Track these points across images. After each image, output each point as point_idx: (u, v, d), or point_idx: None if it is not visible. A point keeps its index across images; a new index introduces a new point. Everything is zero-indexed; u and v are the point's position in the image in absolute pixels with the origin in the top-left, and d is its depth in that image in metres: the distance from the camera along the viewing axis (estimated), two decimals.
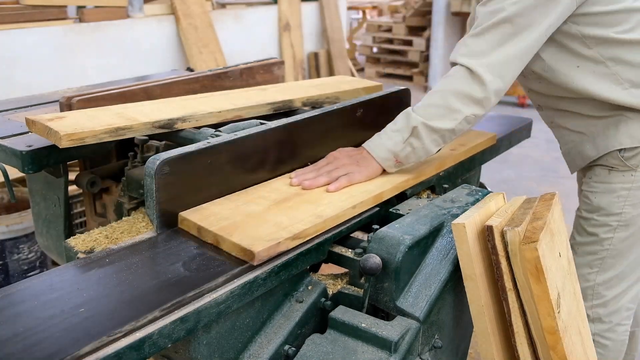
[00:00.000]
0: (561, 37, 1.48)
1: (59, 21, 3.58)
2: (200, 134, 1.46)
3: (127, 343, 0.86)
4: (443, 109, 1.40)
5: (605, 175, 1.61)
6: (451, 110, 1.40)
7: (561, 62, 1.52)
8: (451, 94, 1.40)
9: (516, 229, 1.13)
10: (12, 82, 3.36)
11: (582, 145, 1.66)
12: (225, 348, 1.08)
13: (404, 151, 1.42)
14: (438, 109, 1.41)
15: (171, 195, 1.20)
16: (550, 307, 1.12)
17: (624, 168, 1.57)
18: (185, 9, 4.15)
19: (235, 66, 2.08)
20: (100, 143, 1.54)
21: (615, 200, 1.59)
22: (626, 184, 1.58)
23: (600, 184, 1.63)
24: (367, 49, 8.67)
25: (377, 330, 1.07)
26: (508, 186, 4.33)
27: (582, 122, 1.63)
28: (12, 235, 2.59)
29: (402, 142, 1.42)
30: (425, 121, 1.40)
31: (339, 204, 1.29)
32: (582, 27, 1.45)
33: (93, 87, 1.92)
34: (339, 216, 1.26)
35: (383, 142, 1.44)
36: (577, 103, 1.59)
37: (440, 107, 1.40)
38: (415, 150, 1.42)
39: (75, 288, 0.99)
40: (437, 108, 1.41)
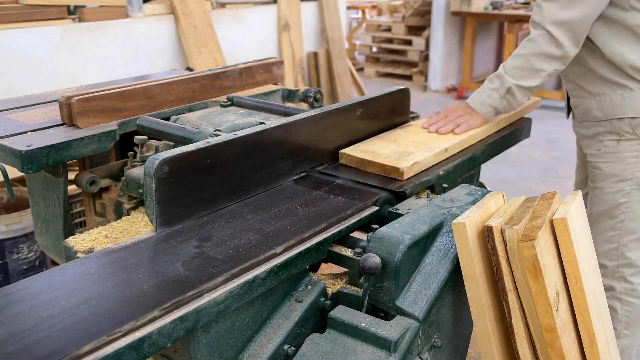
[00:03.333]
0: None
1: (59, 21, 3.58)
2: (199, 134, 1.46)
3: (126, 342, 0.86)
4: (530, 70, 1.72)
5: (615, 145, 1.80)
6: (537, 70, 1.72)
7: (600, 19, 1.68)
8: (535, 57, 1.70)
9: (514, 227, 1.13)
10: (12, 81, 3.36)
11: (589, 103, 1.84)
12: (225, 347, 1.08)
13: (501, 104, 1.80)
14: (526, 71, 1.73)
15: (170, 194, 1.20)
16: (548, 304, 1.12)
17: (632, 136, 1.76)
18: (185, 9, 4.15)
19: (235, 66, 2.08)
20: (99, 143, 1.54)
21: (626, 167, 1.78)
22: (635, 152, 1.77)
23: (611, 154, 1.81)
24: (366, 49, 8.66)
25: (377, 329, 1.07)
26: (507, 186, 4.32)
27: (593, 82, 1.80)
28: (12, 235, 2.59)
29: (499, 98, 1.79)
30: (517, 82, 1.74)
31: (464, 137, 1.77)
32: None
33: (92, 87, 1.91)
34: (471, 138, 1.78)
35: (484, 100, 1.81)
36: (597, 60, 1.76)
37: (528, 69, 1.72)
38: (510, 104, 1.80)
39: (74, 287, 0.99)
40: (525, 70, 1.73)
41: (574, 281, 1.19)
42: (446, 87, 7.46)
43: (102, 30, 3.76)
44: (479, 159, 1.82)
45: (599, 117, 1.81)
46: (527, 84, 1.74)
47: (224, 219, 1.26)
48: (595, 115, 1.82)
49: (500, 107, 1.81)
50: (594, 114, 1.82)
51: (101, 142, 1.55)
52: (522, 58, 1.73)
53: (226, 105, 1.86)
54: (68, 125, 1.59)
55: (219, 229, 1.21)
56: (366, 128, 1.74)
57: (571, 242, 1.17)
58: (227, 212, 1.29)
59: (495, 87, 1.78)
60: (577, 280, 1.19)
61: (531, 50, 1.70)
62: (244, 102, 1.85)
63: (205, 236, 1.18)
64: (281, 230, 1.21)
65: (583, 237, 1.26)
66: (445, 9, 7.21)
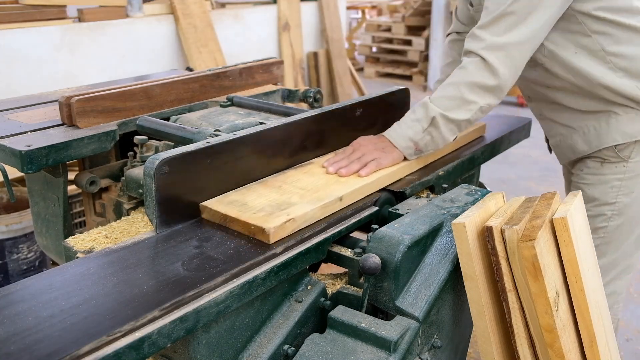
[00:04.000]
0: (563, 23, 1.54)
1: (58, 21, 3.58)
2: (199, 134, 1.46)
3: (126, 343, 0.86)
4: (459, 100, 1.48)
5: (598, 167, 1.67)
6: (467, 102, 1.48)
7: (561, 47, 1.57)
8: (466, 86, 1.48)
9: (514, 228, 1.13)
10: (11, 81, 3.36)
11: (571, 139, 1.71)
12: (225, 348, 1.08)
13: (423, 140, 1.51)
14: (454, 100, 1.48)
15: (170, 195, 1.20)
16: (548, 305, 1.12)
17: (616, 159, 1.63)
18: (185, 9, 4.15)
19: (235, 66, 2.08)
20: (99, 143, 1.54)
21: (609, 191, 1.65)
22: (618, 174, 1.64)
23: (593, 175, 1.68)
24: (366, 49, 8.67)
25: (377, 330, 1.07)
26: (507, 186, 4.33)
27: (572, 117, 1.68)
28: (12, 235, 2.60)
29: (421, 131, 1.51)
30: (443, 112, 1.48)
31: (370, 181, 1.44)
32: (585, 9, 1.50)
33: (92, 87, 1.91)
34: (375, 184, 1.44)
35: (403, 131, 1.53)
36: (568, 95, 1.65)
37: (456, 99, 1.48)
38: (433, 139, 1.51)
39: (74, 288, 0.99)
40: (454, 100, 1.49)
41: (574, 281, 1.19)
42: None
43: (102, 30, 3.76)
44: (479, 158, 1.82)
45: (586, 150, 1.68)
46: (455, 116, 1.48)
47: None
48: (582, 150, 1.69)
49: (422, 142, 1.51)
50: (580, 149, 1.70)
51: (101, 142, 1.55)
52: (451, 87, 1.50)
53: (226, 105, 1.86)
54: (68, 126, 1.59)
55: (219, 229, 1.21)
56: (366, 128, 1.74)
57: (571, 241, 1.17)
58: None
59: (418, 117, 1.51)
60: (577, 280, 1.19)
61: (462, 79, 1.48)
62: (243, 102, 1.85)
63: (205, 236, 1.18)
64: None
65: (583, 237, 1.26)
66: (445, 9, 7.21)
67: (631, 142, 1.61)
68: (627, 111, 1.59)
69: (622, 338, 2.54)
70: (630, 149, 1.62)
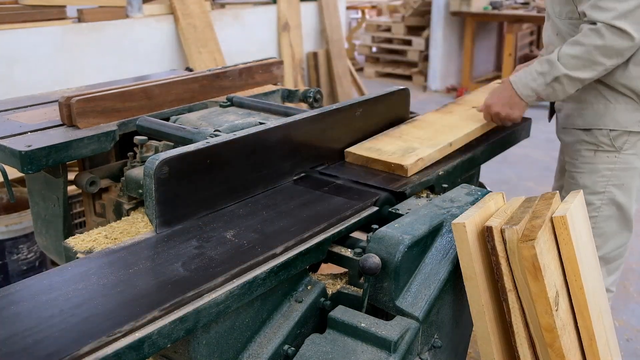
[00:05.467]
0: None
1: (58, 21, 3.58)
2: (199, 134, 1.46)
3: (126, 343, 0.86)
4: (588, 62, 1.59)
5: (591, 156, 1.76)
6: (595, 63, 1.59)
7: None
8: (597, 50, 1.58)
9: (514, 227, 1.13)
10: (11, 82, 3.35)
11: (571, 110, 1.80)
12: (225, 348, 1.08)
13: (545, 91, 1.67)
14: (583, 61, 1.60)
15: (170, 195, 1.20)
16: (548, 304, 1.12)
17: (610, 148, 1.72)
18: (185, 9, 4.15)
19: (235, 66, 2.08)
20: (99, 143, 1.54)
21: (599, 180, 1.74)
22: (610, 164, 1.73)
23: (586, 164, 1.77)
24: (366, 49, 8.66)
25: (377, 330, 1.07)
26: (507, 186, 4.32)
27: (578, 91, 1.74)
28: (12, 236, 2.59)
29: (544, 84, 1.66)
30: (569, 72, 1.61)
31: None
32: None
33: (92, 87, 1.91)
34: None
35: (528, 83, 1.69)
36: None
37: (586, 60, 1.59)
38: (555, 92, 1.66)
39: (74, 288, 0.99)
40: (582, 61, 1.60)
41: (574, 279, 1.19)
42: (446, 87, 7.46)
43: (102, 30, 3.76)
44: (479, 159, 1.82)
45: (579, 124, 1.78)
46: (581, 75, 1.61)
47: (224, 219, 1.26)
48: (576, 123, 1.79)
49: (544, 93, 1.68)
50: (575, 121, 1.80)
51: (101, 143, 1.55)
52: (582, 47, 1.60)
53: (226, 105, 1.86)
54: (68, 126, 1.59)
55: (219, 229, 1.21)
56: (366, 128, 1.74)
57: (571, 240, 1.17)
58: (227, 213, 1.29)
59: (543, 71, 1.66)
60: (577, 278, 1.19)
61: (595, 42, 1.58)
62: (243, 102, 1.85)
63: (205, 236, 1.18)
64: (281, 230, 1.21)
65: (583, 236, 1.26)
66: (445, 9, 7.21)
67: (624, 132, 1.68)
68: (626, 101, 1.68)
69: (622, 338, 2.54)
70: (624, 139, 1.69)
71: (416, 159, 1.54)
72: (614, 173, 1.72)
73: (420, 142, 1.67)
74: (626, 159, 1.71)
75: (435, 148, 1.63)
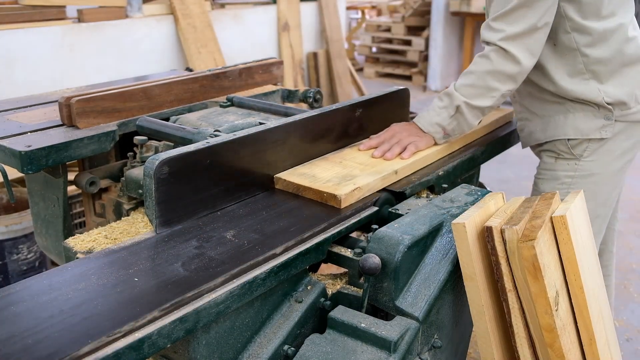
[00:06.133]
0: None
1: (58, 21, 3.58)
2: (199, 134, 1.46)
3: (126, 343, 0.86)
4: (483, 89, 1.58)
5: (552, 163, 1.76)
6: (490, 89, 1.58)
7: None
8: (488, 75, 1.57)
9: (514, 228, 1.13)
10: (11, 82, 3.36)
11: (532, 126, 1.79)
12: (225, 348, 1.08)
13: (450, 125, 1.64)
14: (478, 89, 1.59)
15: (170, 195, 1.20)
16: (548, 304, 1.12)
17: (569, 156, 1.71)
18: (184, 9, 4.15)
19: (234, 66, 2.08)
20: (98, 143, 1.55)
21: (558, 187, 1.72)
22: (570, 172, 1.71)
23: (547, 171, 1.77)
24: (366, 49, 8.66)
25: (377, 330, 1.07)
26: (507, 186, 4.32)
27: (537, 104, 1.75)
28: (12, 236, 2.59)
29: (448, 117, 1.63)
30: (468, 100, 1.59)
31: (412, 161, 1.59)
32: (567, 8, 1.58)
33: (92, 88, 1.91)
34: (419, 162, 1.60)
35: (432, 118, 1.65)
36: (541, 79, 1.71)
37: (480, 87, 1.59)
38: (459, 124, 1.64)
39: (74, 288, 0.99)
40: (477, 89, 1.59)
41: (573, 279, 1.19)
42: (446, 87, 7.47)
43: (102, 30, 3.76)
44: (479, 159, 1.82)
45: (541, 138, 1.77)
46: (479, 103, 1.59)
47: (224, 219, 1.26)
48: (538, 138, 1.78)
49: (449, 127, 1.64)
50: (537, 136, 1.78)
51: (101, 143, 1.55)
52: (474, 75, 1.60)
53: (226, 105, 1.86)
54: (68, 126, 1.59)
55: (219, 230, 1.21)
56: (366, 128, 1.74)
57: (570, 239, 1.17)
58: (227, 213, 1.29)
59: (445, 105, 1.63)
60: (577, 278, 1.19)
61: (485, 68, 1.57)
62: (243, 102, 1.85)
63: (205, 236, 1.18)
64: (281, 231, 1.21)
65: (583, 236, 1.26)
66: (445, 9, 7.21)
67: (584, 139, 1.67)
68: (584, 109, 1.66)
69: (622, 338, 2.54)
70: (584, 147, 1.69)
71: (352, 189, 1.36)
72: (573, 180, 1.71)
73: (362, 168, 1.50)
74: (585, 166, 1.70)
75: (379, 176, 1.44)
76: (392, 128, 1.69)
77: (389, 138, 1.65)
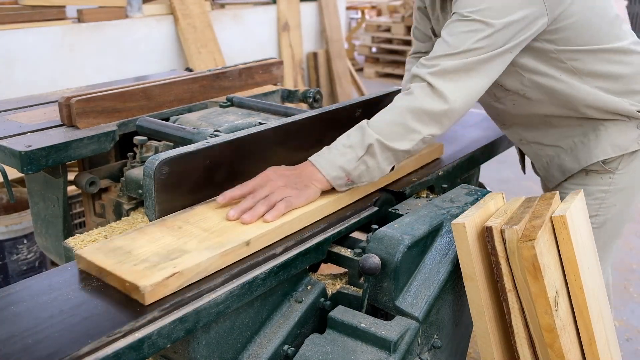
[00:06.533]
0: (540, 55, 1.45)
1: (58, 21, 3.58)
2: (199, 134, 1.46)
3: (126, 343, 0.86)
4: (401, 127, 1.31)
5: (582, 177, 1.59)
6: (409, 131, 1.31)
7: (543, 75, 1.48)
8: (409, 113, 1.31)
9: (514, 228, 1.13)
10: (11, 82, 3.36)
11: (560, 159, 1.62)
12: (225, 348, 1.08)
13: (357, 169, 1.30)
14: (397, 127, 1.31)
15: (170, 195, 1.20)
16: (548, 304, 1.12)
17: (603, 171, 1.55)
18: (184, 9, 4.15)
19: (234, 66, 2.08)
20: (98, 143, 1.54)
21: (591, 203, 1.55)
22: (603, 186, 1.56)
23: (576, 186, 1.59)
24: (366, 49, 8.67)
25: (377, 330, 1.07)
26: (507, 186, 4.32)
27: (558, 136, 1.60)
28: (11, 236, 2.59)
29: (355, 159, 1.29)
30: (382, 139, 1.29)
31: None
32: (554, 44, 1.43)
33: (92, 88, 1.92)
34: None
35: (334, 159, 1.30)
36: (552, 118, 1.57)
37: (399, 125, 1.31)
38: (369, 169, 1.31)
39: (74, 288, 0.99)
40: (396, 127, 1.31)
41: (573, 279, 1.19)
42: None
43: (102, 30, 3.76)
44: (479, 159, 1.82)
45: (575, 168, 1.59)
46: (395, 145, 1.29)
47: None
48: (571, 168, 1.60)
49: (355, 173, 1.30)
50: (569, 167, 1.60)
51: (101, 143, 1.55)
52: (394, 111, 1.33)
53: (226, 105, 1.86)
54: (67, 126, 1.59)
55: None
56: None
57: (570, 239, 1.17)
58: None
59: (352, 143, 1.30)
60: (576, 278, 1.19)
61: (407, 104, 1.32)
62: (243, 102, 1.85)
63: None
64: None
65: (583, 236, 1.26)
66: None
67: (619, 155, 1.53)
68: (615, 123, 1.52)
69: (622, 338, 2.54)
70: (618, 160, 1.54)
71: (168, 275, 0.98)
72: (607, 195, 1.56)
73: (202, 238, 1.11)
74: (620, 179, 1.55)
75: (216, 252, 1.06)
76: (266, 174, 1.30)
77: (258, 188, 1.26)
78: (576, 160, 1.58)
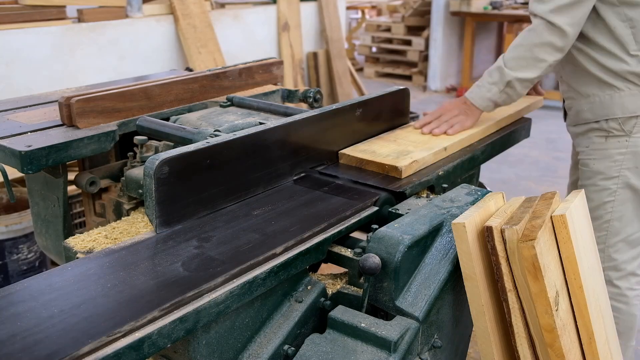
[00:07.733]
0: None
1: (58, 21, 3.58)
2: (199, 134, 1.46)
3: (126, 343, 0.86)
4: (531, 60, 1.70)
5: (602, 142, 1.81)
6: (538, 61, 1.69)
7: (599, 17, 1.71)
8: (537, 47, 1.68)
9: (514, 227, 1.13)
10: (11, 82, 3.36)
11: (579, 105, 1.85)
12: (225, 348, 1.08)
13: (501, 98, 1.78)
14: (527, 61, 1.70)
15: (170, 195, 1.20)
16: (548, 304, 1.12)
17: (620, 133, 1.77)
18: (184, 9, 4.15)
19: (234, 66, 2.08)
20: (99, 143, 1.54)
21: (612, 165, 1.78)
22: (621, 149, 1.77)
23: (598, 150, 1.81)
24: (366, 49, 8.66)
25: (377, 330, 1.07)
26: (507, 186, 4.33)
27: (585, 83, 1.80)
28: (12, 236, 2.59)
29: (498, 92, 1.76)
30: (516, 74, 1.72)
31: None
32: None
33: (92, 88, 1.91)
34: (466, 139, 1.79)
35: (484, 94, 1.79)
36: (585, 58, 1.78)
37: (528, 59, 1.70)
38: (510, 96, 1.77)
39: (74, 288, 0.99)
40: (526, 60, 1.71)
41: (573, 278, 1.19)
42: (446, 87, 7.47)
43: (102, 30, 3.76)
44: (479, 159, 1.82)
45: (590, 118, 1.82)
46: (528, 75, 1.71)
47: (224, 219, 1.26)
48: (586, 117, 1.83)
49: (500, 100, 1.79)
50: (585, 116, 1.83)
51: (101, 143, 1.55)
52: (522, 48, 1.71)
53: (226, 105, 1.86)
54: (68, 126, 1.59)
55: (219, 229, 1.21)
56: (366, 128, 1.74)
57: (570, 239, 1.17)
58: (227, 213, 1.29)
59: (494, 80, 1.76)
60: (576, 277, 1.19)
61: (532, 40, 1.68)
62: (243, 102, 1.85)
63: (205, 236, 1.18)
64: (281, 230, 1.21)
65: (584, 236, 1.26)
66: (445, 9, 7.21)
67: (633, 116, 1.72)
68: (630, 87, 1.72)
69: None
70: (633, 123, 1.74)
71: (410, 161, 1.55)
72: (625, 157, 1.76)
73: (414, 145, 1.68)
74: (636, 142, 1.75)
75: (430, 152, 1.63)
76: (443, 106, 1.86)
77: (437, 116, 1.82)
78: (591, 111, 1.81)
